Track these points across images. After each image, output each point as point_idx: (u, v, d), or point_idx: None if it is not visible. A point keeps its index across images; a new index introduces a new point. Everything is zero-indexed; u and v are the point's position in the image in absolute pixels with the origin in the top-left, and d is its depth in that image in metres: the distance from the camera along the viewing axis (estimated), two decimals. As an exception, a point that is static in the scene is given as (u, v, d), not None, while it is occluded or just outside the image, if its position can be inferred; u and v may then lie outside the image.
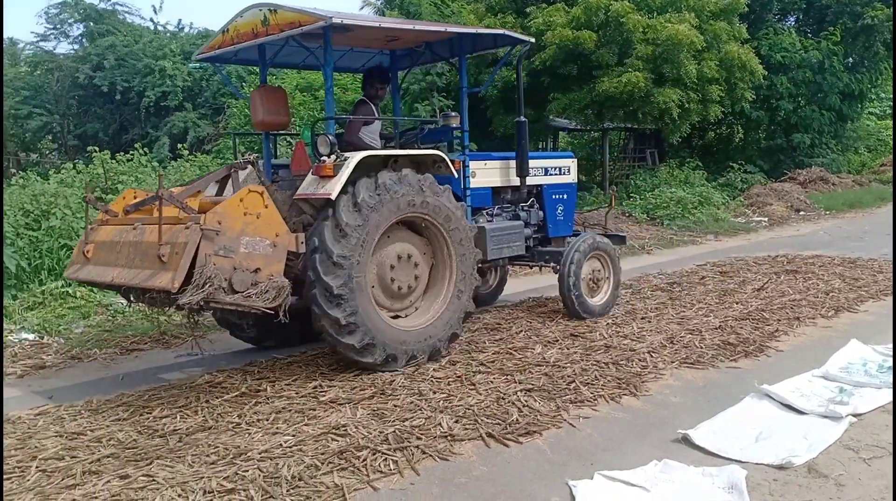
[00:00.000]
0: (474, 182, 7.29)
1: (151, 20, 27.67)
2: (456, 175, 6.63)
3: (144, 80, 23.36)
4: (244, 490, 3.91)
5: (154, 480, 4.06)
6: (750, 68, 18.61)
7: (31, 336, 7.60)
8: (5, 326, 7.69)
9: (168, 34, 26.99)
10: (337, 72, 8.08)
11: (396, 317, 6.26)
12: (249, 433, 4.75)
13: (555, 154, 8.95)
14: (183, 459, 4.33)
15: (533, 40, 7.29)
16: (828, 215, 19.36)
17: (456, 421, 4.85)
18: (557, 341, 6.80)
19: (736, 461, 4.30)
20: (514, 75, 17.60)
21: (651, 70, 16.80)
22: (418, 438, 4.58)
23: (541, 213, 8.05)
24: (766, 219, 18.18)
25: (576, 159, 8.55)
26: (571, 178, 8.41)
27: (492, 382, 5.64)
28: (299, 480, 4.04)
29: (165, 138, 22.26)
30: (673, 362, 6.14)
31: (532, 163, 7.80)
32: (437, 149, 7.19)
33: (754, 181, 22.23)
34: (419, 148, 6.82)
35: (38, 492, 3.97)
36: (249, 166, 6.43)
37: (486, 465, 4.31)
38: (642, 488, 4.01)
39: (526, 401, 5.20)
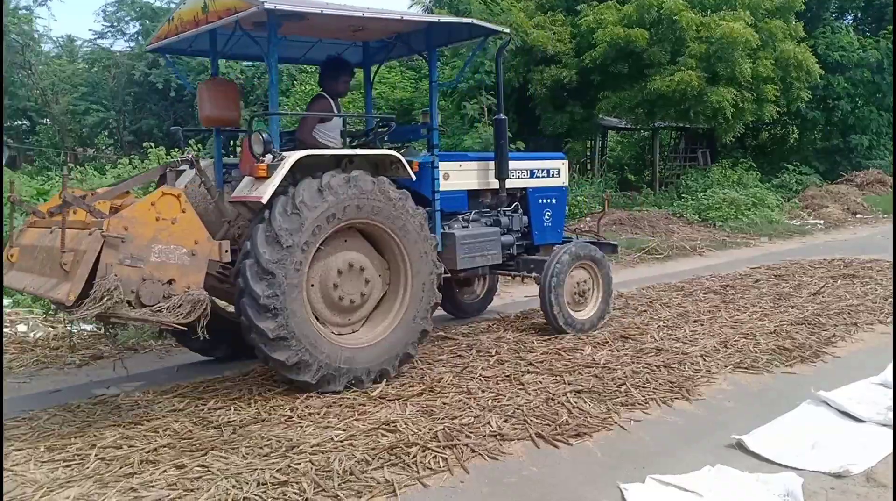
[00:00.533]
0: (447, 185, 6.69)
1: (206, 18, 28.14)
2: (414, 177, 5.96)
3: (198, 77, 23.81)
4: (297, 483, 3.95)
5: (209, 470, 4.13)
6: (806, 67, 18.22)
7: (89, 327, 7.79)
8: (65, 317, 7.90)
9: (220, 32, 27.45)
10: (306, 64, 7.66)
11: (343, 333, 5.75)
12: (301, 427, 4.81)
13: (543, 155, 8.44)
14: (237, 450, 4.40)
15: (507, 30, 6.71)
16: (886, 219, 18.82)
17: (505, 421, 4.83)
18: (607, 342, 6.74)
19: (792, 468, 4.20)
20: (563, 73, 17.68)
21: (704, 69, 16.55)
22: (467, 436, 4.58)
23: (525, 218, 7.49)
24: (821, 222, 17.76)
25: (566, 161, 7.99)
26: (561, 181, 7.84)
27: (541, 382, 5.61)
28: (350, 474, 4.07)
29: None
30: (726, 366, 6.04)
31: (515, 164, 7.28)
32: (407, 148, 6.92)
33: (809, 183, 21.75)
34: (379, 147, 6.36)
35: (97, 480, 4.06)
36: (187, 166, 5.89)
37: (536, 466, 4.29)
38: (695, 493, 3.94)
39: (576, 403, 5.16)
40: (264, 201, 5.19)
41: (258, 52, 6.67)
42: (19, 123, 29.46)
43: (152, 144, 13.81)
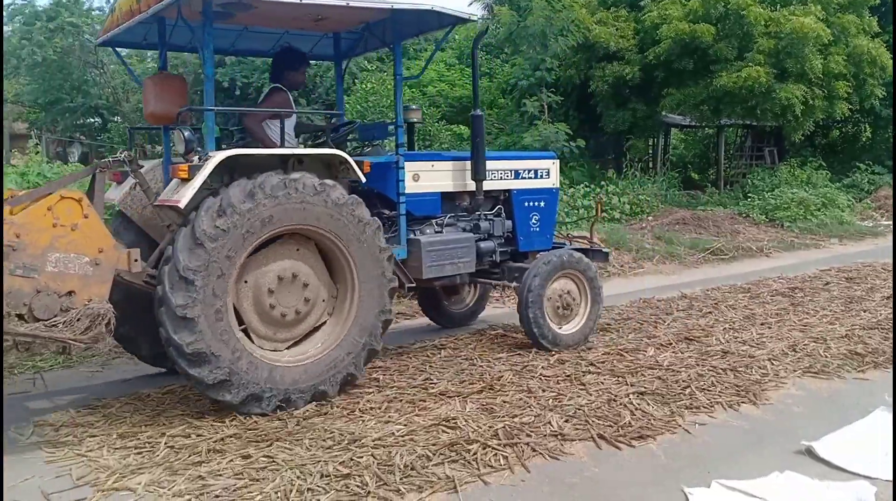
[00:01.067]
0: (417, 187, 6.24)
1: (271, 18, 28.62)
2: (364, 179, 5.51)
3: (262, 76, 24.25)
4: (359, 476, 4.00)
5: (274, 461, 4.21)
6: (880, 63, 17.59)
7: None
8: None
9: (289, 32, 27.90)
10: (266, 57, 6.89)
11: (280, 348, 5.27)
12: (363, 421, 4.86)
13: (530, 154, 7.85)
14: (301, 442, 4.48)
15: (475, 18, 6.26)
16: (965, 221, 18.00)
17: (566, 421, 4.80)
18: (671, 344, 6.62)
19: (864, 476, 4.07)
20: (626, 70, 17.44)
21: (773, 65, 16.12)
22: (528, 435, 4.56)
23: (509, 223, 6.91)
24: (894, 223, 17.10)
25: (557, 160, 7.39)
26: (551, 182, 7.21)
27: (602, 383, 5.55)
28: (411, 469, 4.10)
29: (280, 132, 23.07)
30: (795, 370, 5.87)
31: (498, 164, 6.79)
32: (374, 147, 6.53)
33: (883, 183, 20.94)
34: (342, 147, 6.04)
35: (167, 467, 4.18)
36: (128, 167, 5.40)
37: (598, 467, 4.25)
38: (763, 499, 3.85)
39: (638, 404, 5.09)
40: (182, 205, 4.76)
41: (222, 45, 6.47)
42: (91, 120, 30.46)
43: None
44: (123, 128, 24.93)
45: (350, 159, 5.40)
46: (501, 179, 6.86)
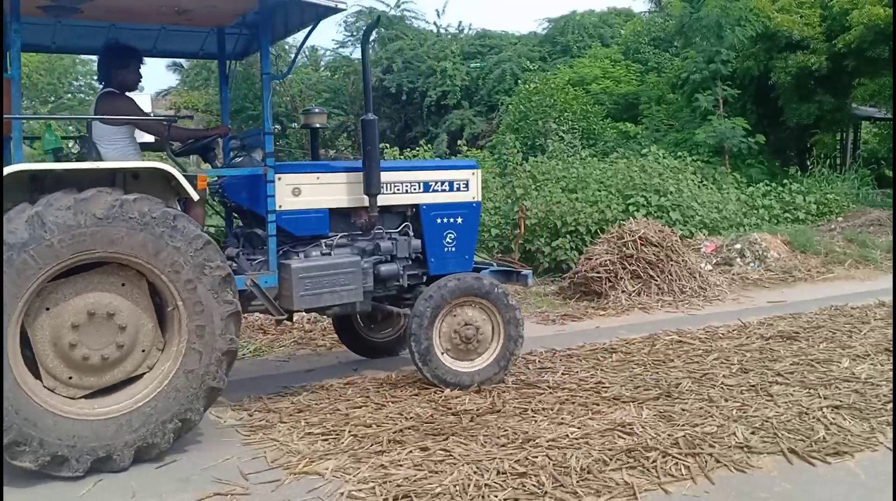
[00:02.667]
0: (298, 202, 5.41)
1: (434, 23, 29.35)
2: (196, 197, 4.75)
3: (427, 80, 24.89)
4: (535, 476, 3.99)
5: (451, 455, 4.28)
6: None
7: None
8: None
9: (449, 36, 28.48)
10: (157, 56, 6.20)
11: (94, 397, 4.44)
12: (536, 421, 4.84)
13: (445, 163, 6.92)
14: (475, 438, 4.53)
15: (345, 7, 5.11)
16: None
17: (752, 433, 4.54)
18: (868, 355, 6.11)
19: None
20: (811, 59, 16.29)
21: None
22: (711, 446, 4.36)
23: (418, 242, 5.94)
24: None
25: (479, 170, 6.30)
26: (470, 195, 6.14)
27: (791, 394, 5.21)
28: (588, 473, 4.03)
29: (444, 135, 23.59)
30: None
31: (401, 176, 5.88)
32: (247, 157, 5.69)
33: None
34: (213, 158, 5.58)
35: (351, 455, 4.37)
36: None
37: (789, 482, 3.98)
38: None
39: (833, 419, 4.74)
40: None
41: (53, 43, 5.88)
42: (273, 127, 32.51)
43: (386, 145, 14.63)
44: (301, 134, 26.47)
45: (177, 174, 4.63)
46: (407, 192, 5.89)
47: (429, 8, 65.07)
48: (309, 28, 5.66)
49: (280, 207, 5.28)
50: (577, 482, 3.94)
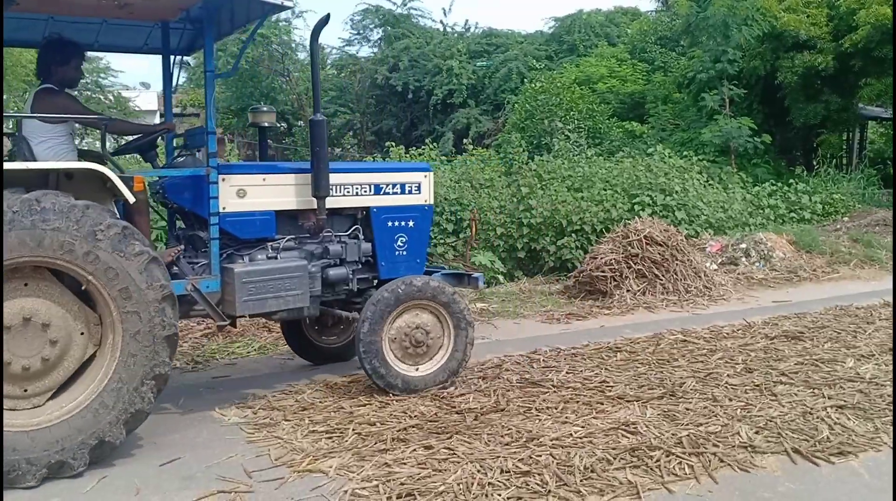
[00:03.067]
0: (243, 204, 5.24)
1: (441, 22, 29.35)
2: (132, 199, 4.57)
3: (433, 79, 24.89)
4: (539, 474, 3.99)
5: (454, 453, 4.29)
6: None
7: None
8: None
9: (455, 35, 28.48)
10: (100, 51, 5.91)
11: (19, 408, 4.23)
12: (539, 420, 4.85)
13: (396, 166, 6.77)
14: (479, 437, 4.54)
15: (291, 5, 5.04)
16: None
17: (756, 432, 4.55)
18: (873, 355, 6.10)
19: None
20: (818, 59, 16.23)
21: None
22: (715, 445, 4.36)
23: (368, 246, 5.82)
24: None
25: (431, 173, 6.19)
26: (422, 198, 6.04)
27: (796, 394, 5.21)
28: (591, 472, 4.04)
29: (450, 134, 23.60)
30: None
31: (352, 178, 5.74)
32: (189, 156, 5.52)
33: None
34: (152, 158, 5.40)
35: (355, 453, 4.38)
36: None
37: (793, 482, 3.98)
38: None
39: (837, 419, 4.74)
40: None
41: (23, 38, 5.71)
42: (278, 125, 32.65)
43: (392, 144, 14.64)
44: (307, 132, 26.62)
45: (112, 175, 4.46)
46: (357, 194, 5.77)
47: (435, 6, 65.02)
48: (255, 25, 5.54)
49: (224, 208, 5.14)
50: (581, 480, 3.94)
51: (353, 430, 4.72)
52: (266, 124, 6.15)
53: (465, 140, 16.66)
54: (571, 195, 11.34)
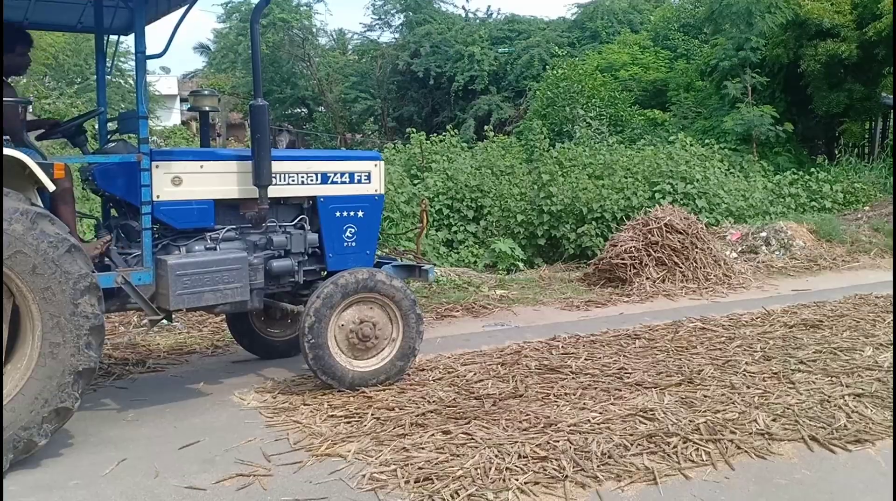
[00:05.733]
0: (179, 192, 4.99)
1: (463, 8, 29.35)
2: (52, 187, 4.35)
3: (455, 65, 24.90)
4: (556, 460, 4.04)
5: (472, 438, 4.34)
6: None
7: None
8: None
9: (477, 21, 28.41)
10: (34, 29, 5.50)
11: None
12: (558, 406, 4.89)
13: (345, 154, 6.58)
14: (497, 422, 4.59)
15: None
16: None
17: (773, 420, 4.56)
18: (892, 344, 6.07)
19: None
20: (841, 48, 16.03)
21: None
22: (732, 432, 4.38)
23: (315, 236, 5.62)
24: None
25: (381, 162, 5.97)
26: (372, 188, 5.84)
27: (813, 382, 5.21)
28: (609, 457, 4.08)
29: (471, 120, 23.61)
30: None
31: (297, 166, 5.51)
32: (120, 142, 5.31)
33: None
34: (80, 144, 5.17)
35: (374, 437, 4.43)
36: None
37: (809, 469, 4.01)
38: None
39: (855, 407, 4.74)
40: None
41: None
42: (298, 110, 32.76)
43: (413, 130, 14.67)
44: (327, 117, 26.65)
45: (28, 161, 4.24)
46: (303, 183, 5.55)
47: (456, -8, 64.58)
48: (187, 6, 5.31)
49: (158, 197, 4.90)
50: (598, 466, 3.98)
51: (372, 415, 4.77)
52: (207, 108, 5.91)
53: (486, 127, 16.66)
54: (592, 183, 11.33)
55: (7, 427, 3.98)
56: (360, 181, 5.79)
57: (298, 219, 5.61)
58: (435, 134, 14.98)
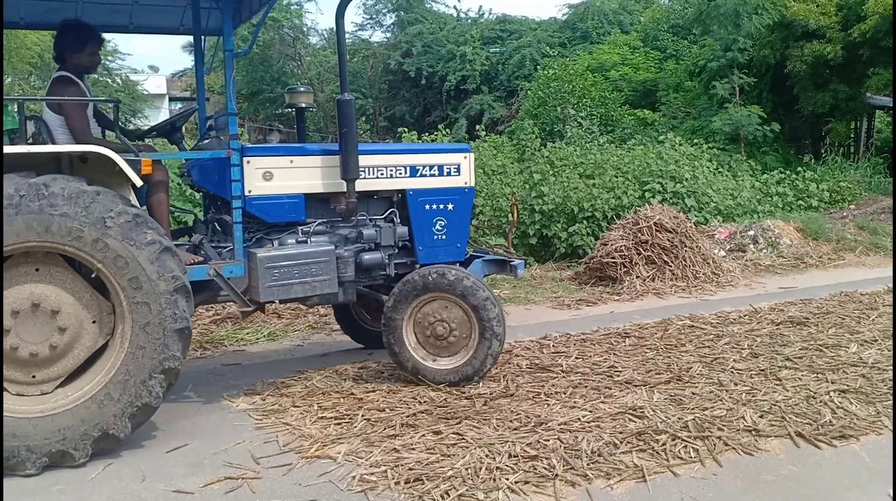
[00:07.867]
0: (270, 187, 5.14)
1: (454, 7, 29.34)
2: (139, 182, 4.47)
3: (447, 65, 24.89)
4: (546, 458, 4.07)
5: (463, 438, 4.37)
6: None
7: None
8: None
9: (469, 20, 28.40)
10: (137, 33, 6.04)
11: (28, 393, 4.21)
12: (548, 405, 4.93)
13: (434, 147, 6.59)
14: (488, 422, 4.62)
15: None
16: None
17: (760, 416, 4.62)
18: (876, 341, 6.15)
19: None
20: (827, 48, 16.15)
21: None
22: (720, 429, 4.44)
23: (405, 229, 5.65)
24: None
25: (471, 154, 5.96)
26: (462, 180, 5.83)
27: (800, 379, 5.27)
28: (598, 455, 4.12)
29: (463, 120, 23.61)
30: None
31: (386, 159, 5.56)
32: (214, 139, 5.45)
33: None
34: (178, 141, 5.41)
35: (364, 438, 4.44)
36: None
37: (795, 465, 4.06)
38: None
39: (840, 403, 4.80)
40: None
41: (55, 20, 5.42)
42: (290, 110, 32.64)
43: (405, 129, 14.70)
44: (319, 117, 26.57)
45: (117, 158, 4.33)
46: (392, 177, 5.59)
47: (447, -8, 64.52)
48: (266, 6, 5.47)
49: (249, 192, 5.05)
50: (588, 464, 4.02)
51: (363, 416, 4.78)
52: (304, 105, 6.06)
53: (478, 126, 16.70)
54: (583, 182, 11.39)
55: (89, 421, 4.15)
56: (449, 174, 5.81)
57: (388, 212, 5.68)
58: (427, 133, 15.02)
